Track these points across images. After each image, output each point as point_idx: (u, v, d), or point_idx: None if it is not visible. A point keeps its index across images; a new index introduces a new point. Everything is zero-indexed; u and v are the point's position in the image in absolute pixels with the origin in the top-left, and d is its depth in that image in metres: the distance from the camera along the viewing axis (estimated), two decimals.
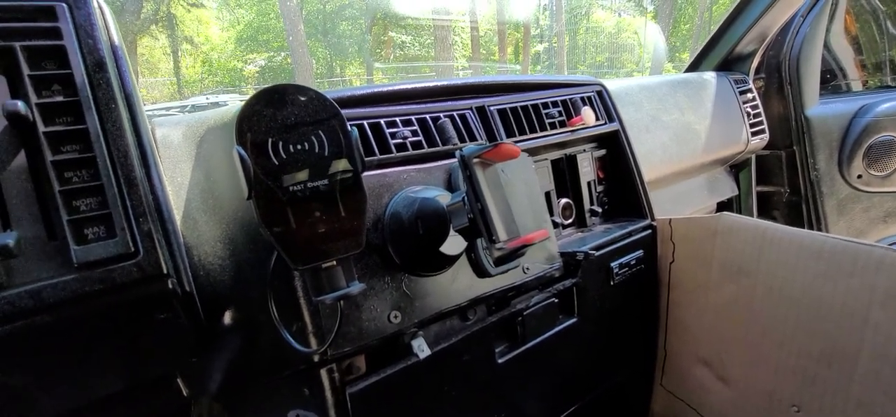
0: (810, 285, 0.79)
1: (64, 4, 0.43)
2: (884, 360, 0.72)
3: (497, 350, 0.75)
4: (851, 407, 0.76)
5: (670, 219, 1.00)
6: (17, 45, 0.40)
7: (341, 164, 0.49)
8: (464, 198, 0.52)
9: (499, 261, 0.49)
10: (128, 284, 0.42)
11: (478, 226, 0.50)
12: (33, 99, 0.40)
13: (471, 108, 0.77)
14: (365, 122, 0.66)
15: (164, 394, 0.83)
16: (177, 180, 0.63)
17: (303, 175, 0.47)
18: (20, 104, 0.39)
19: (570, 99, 0.92)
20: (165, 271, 0.44)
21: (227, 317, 0.66)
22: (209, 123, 0.65)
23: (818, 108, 1.88)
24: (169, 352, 0.60)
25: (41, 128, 0.40)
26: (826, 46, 1.97)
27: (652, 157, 1.33)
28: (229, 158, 0.63)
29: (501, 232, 0.48)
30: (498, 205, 0.51)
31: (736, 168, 1.95)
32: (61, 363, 0.48)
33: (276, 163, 0.46)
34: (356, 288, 0.49)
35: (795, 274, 0.81)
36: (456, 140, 0.73)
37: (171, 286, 0.45)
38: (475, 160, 0.50)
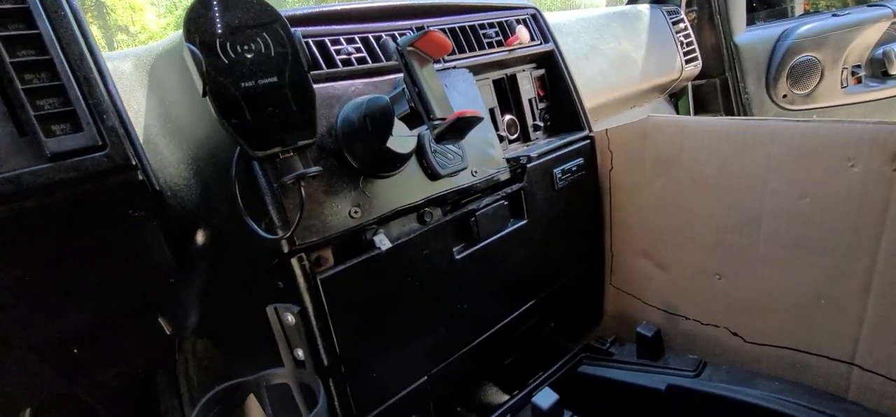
0: (722, 164, 0.91)
1: None
2: (780, 217, 0.84)
3: (454, 249, 0.82)
4: (759, 265, 0.89)
5: (606, 130, 1.09)
6: None
7: (288, 63, 0.54)
8: (404, 87, 0.58)
9: (439, 138, 0.56)
10: (99, 173, 0.46)
11: (417, 108, 0.56)
12: None
13: (411, 28, 0.83)
14: (310, 40, 0.71)
15: (148, 333, 0.88)
16: (133, 108, 0.66)
17: (252, 73, 0.52)
18: None
19: (506, 20, 0.98)
20: (133, 162, 0.48)
21: (200, 237, 0.71)
22: (157, 51, 0.68)
23: (746, 35, 2.02)
24: (146, 268, 0.64)
25: None
26: None
27: (593, 84, 1.43)
28: (182, 82, 0.67)
29: (437, 110, 0.55)
30: (434, 91, 0.57)
31: (675, 97, 2.09)
32: (42, 266, 0.52)
33: (226, 61, 0.51)
34: (313, 170, 0.54)
35: (710, 157, 0.93)
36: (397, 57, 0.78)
37: (141, 177, 0.49)
38: (409, 49, 0.56)
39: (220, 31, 0.50)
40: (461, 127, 0.57)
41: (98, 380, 0.93)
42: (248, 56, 0.52)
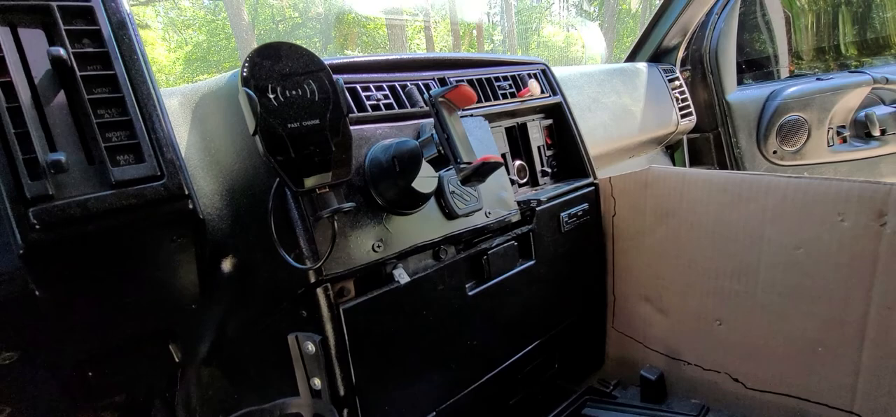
0: (720, 215, 0.96)
1: None
2: (776, 266, 0.89)
3: (467, 285, 0.86)
4: (757, 312, 0.93)
5: (610, 177, 1.15)
6: (53, 3, 0.48)
7: (329, 108, 0.60)
8: (433, 133, 0.63)
9: (464, 180, 0.61)
10: (157, 201, 0.50)
11: (445, 152, 0.61)
12: (69, 49, 0.48)
13: (434, 79, 0.89)
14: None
15: (157, 359, 0.89)
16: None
17: (298, 115, 0.57)
18: (62, 51, 0.47)
19: (519, 74, 1.06)
20: (186, 192, 0.52)
21: (226, 265, 0.74)
22: (203, 91, 0.73)
23: (737, 94, 2.13)
24: (175, 292, 0.67)
25: (78, 72, 0.48)
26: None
27: (595, 134, 1.50)
28: (223, 120, 0.72)
29: (463, 155, 0.60)
30: (460, 137, 0.62)
31: (671, 149, 2.18)
32: (86, 286, 0.55)
33: (276, 104, 0.56)
34: (347, 205, 0.59)
35: (709, 208, 0.98)
36: (422, 104, 0.84)
37: (191, 206, 0.53)
38: (440, 99, 0.62)
39: (273, 77, 0.56)
40: (484, 171, 0.61)
41: (101, 407, 0.93)
42: (296, 100, 0.57)
